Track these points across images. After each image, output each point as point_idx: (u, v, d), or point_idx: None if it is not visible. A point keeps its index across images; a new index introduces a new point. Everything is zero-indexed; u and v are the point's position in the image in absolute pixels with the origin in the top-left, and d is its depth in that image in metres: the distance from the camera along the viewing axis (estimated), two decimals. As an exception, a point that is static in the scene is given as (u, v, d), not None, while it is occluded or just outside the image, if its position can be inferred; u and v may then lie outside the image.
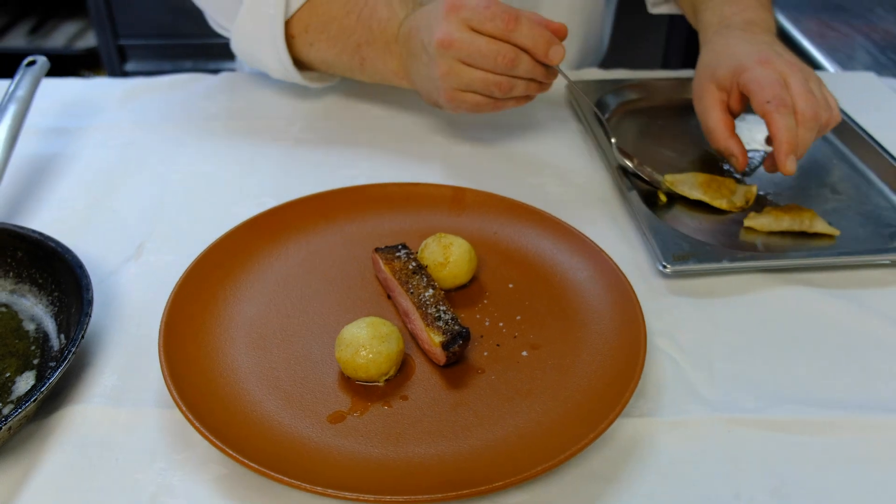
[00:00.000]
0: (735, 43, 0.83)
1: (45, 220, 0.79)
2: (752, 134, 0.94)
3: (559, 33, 0.78)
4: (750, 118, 0.94)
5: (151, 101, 1.00)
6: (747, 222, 0.79)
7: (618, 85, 1.00)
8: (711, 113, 0.82)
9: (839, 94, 0.98)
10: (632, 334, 0.62)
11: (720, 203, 0.81)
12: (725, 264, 0.71)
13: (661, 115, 0.98)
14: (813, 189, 0.86)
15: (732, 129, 0.83)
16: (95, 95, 1.02)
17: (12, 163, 0.82)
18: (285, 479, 0.50)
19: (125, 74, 2.37)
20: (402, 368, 0.62)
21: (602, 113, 0.96)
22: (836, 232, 0.78)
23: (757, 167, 0.88)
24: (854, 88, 1.08)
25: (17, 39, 2.48)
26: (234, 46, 0.94)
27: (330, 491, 0.50)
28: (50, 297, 0.68)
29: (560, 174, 0.87)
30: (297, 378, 0.60)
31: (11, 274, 0.69)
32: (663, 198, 0.83)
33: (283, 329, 0.64)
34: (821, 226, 0.78)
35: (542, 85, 0.81)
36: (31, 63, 0.88)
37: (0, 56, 2.46)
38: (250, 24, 0.89)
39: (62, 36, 2.50)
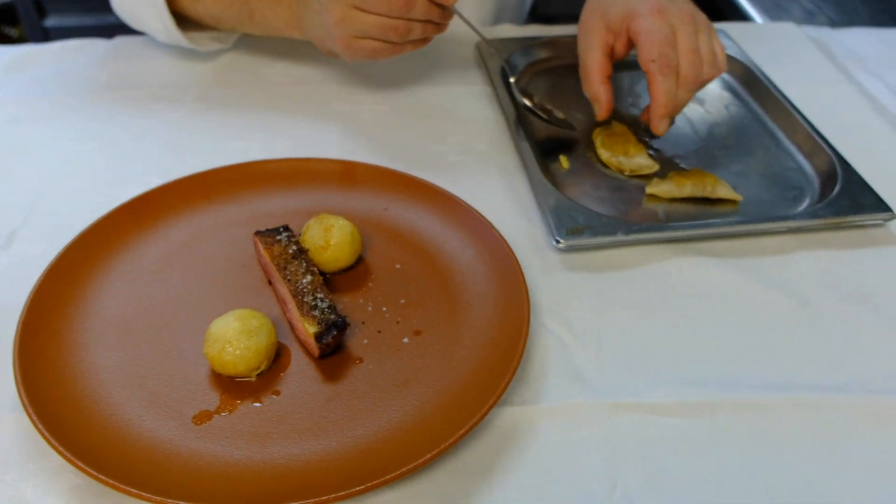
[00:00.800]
0: None
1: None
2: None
3: None
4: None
5: (38, 72, 0.95)
6: (649, 189, 0.77)
7: (527, 43, 0.97)
8: (592, 53, 0.80)
9: (757, 46, 0.95)
10: (516, 318, 0.60)
11: (608, 158, 0.79)
12: (620, 237, 0.69)
13: (572, 75, 0.95)
14: (720, 150, 0.84)
15: (607, 74, 0.80)
16: (-19, 65, 0.96)
17: None
18: (134, 491, 0.48)
19: (45, 31, 2.27)
20: (278, 360, 0.59)
21: (508, 75, 0.93)
22: (738, 197, 0.76)
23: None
24: (773, 40, 1.05)
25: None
26: (115, 5, 0.88)
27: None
28: None
29: (463, 141, 0.84)
30: (163, 376, 0.57)
31: None
32: (565, 163, 0.80)
33: (153, 323, 0.61)
34: (724, 191, 0.76)
35: (439, 26, 0.77)
36: None
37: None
38: None
39: (-23, -12, 2.37)
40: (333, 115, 0.88)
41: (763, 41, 1.03)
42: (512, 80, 0.82)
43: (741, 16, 1.30)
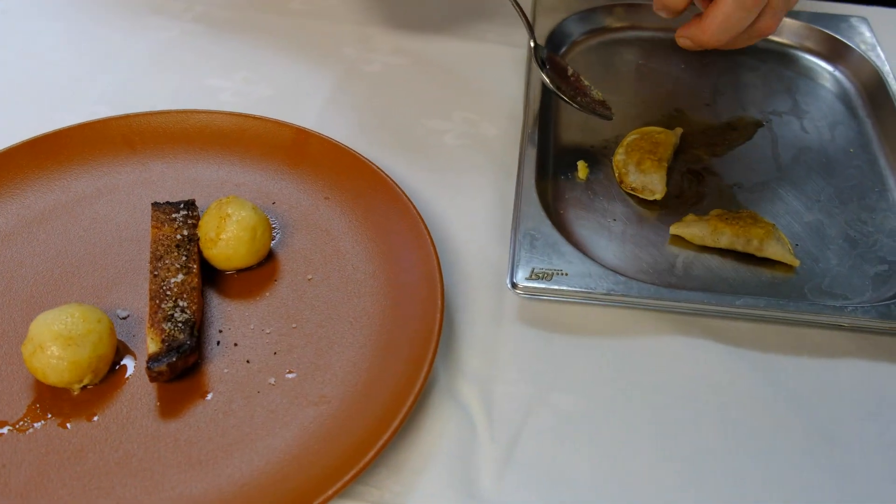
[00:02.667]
0: None
1: None
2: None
3: None
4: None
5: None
6: (674, 229, 0.58)
7: (594, 2, 0.77)
8: None
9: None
10: (409, 378, 0.46)
11: (618, 161, 0.62)
12: (595, 295, 0.52)
13: (646, 53, 0.75)
14: (798, 187, 0.63)
15: None
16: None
17: None
18: None
19: None
20: (115, 372, 0.48)
21: (561, 43, 0.75)
22: (794, 262, 0.56)
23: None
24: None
25: None
26: None
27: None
28: None
29: (471, 121, 0.68)
30: (-25, 366, 0.48)
31: None
32: (582, 173, 0.63)
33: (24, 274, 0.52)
34: (775, 250, 0.56)
35: None
36: None
37: None
38: None
39: None
40: (337, 61, 0.74)
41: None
42: (531, 43, 0.64)
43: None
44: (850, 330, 0.52)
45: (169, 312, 0.48)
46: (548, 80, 0.62)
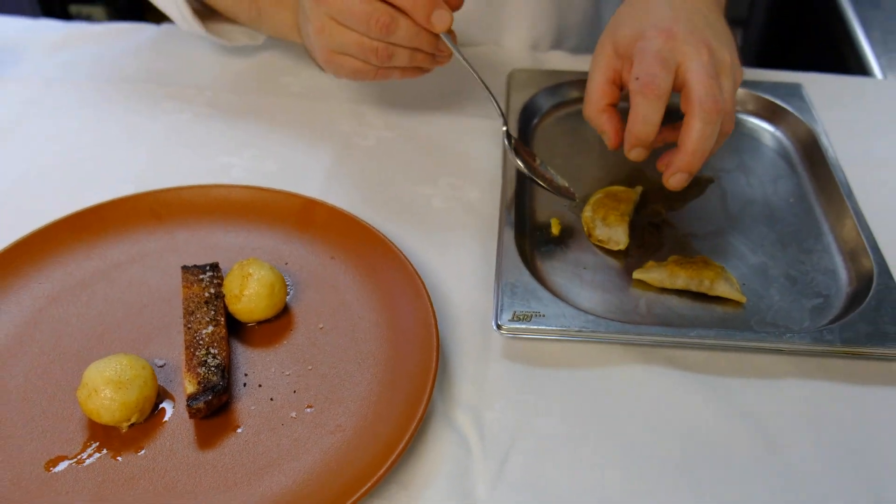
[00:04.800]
0: (655, 2, 0.69)
1: None
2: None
3: (452, 1, 0.67)
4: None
5: (76, 53, 0.96)
6: (636, 274, 0.67)
7: (561, 78, 0.87)
8: (594, 76, 0.70)
9: (847, 107, 0.82)
10: (409, 415, 0.54)
11: (586, 217, 0.71)
12: (571, 332, 0.60)
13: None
14: (745, 235, 0.72)
15: (610, 100, 0.70)
16: (26, 40, 0.98)
17: None
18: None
19: (117, 9, 2.30)
20: (157, 413, 0.56)
21: (532, 115, 0.84)
22: (741, 299, 0.65)
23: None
24: (872, 101, 0.90)
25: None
26: None
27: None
28: None
29: (455, 186, 0.77)
30: (31, 412, 0.55)
31: None
32: (555, 228, 0.72)
33: (43, 348, 0.59)
34: (724, 289, 0.65)
35: (433, 57, 0.71)
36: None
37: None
38: None
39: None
40: (334, 137, 0.83)
41: (852, 102, 0.89)
42: (503, 129, 0.73)
43: (863, 70, 1.13)
44: (790, 354, 0.61)
45: (203, 359, 0.56)
46: (522, 166, 0.71)
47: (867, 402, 0.59)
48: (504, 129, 0.73)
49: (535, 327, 0.60)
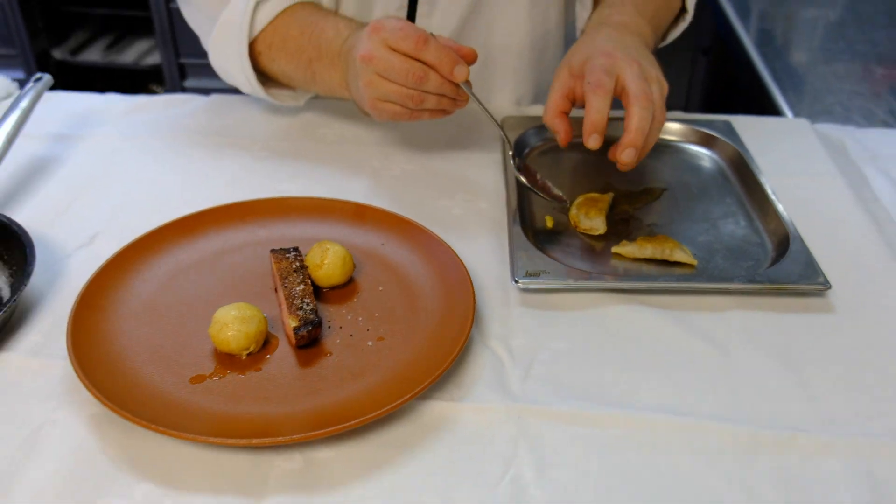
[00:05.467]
0: (600, 38, 0.94)
1: (29, 210, 0.95)
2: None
3: (467, 57, 0.90)
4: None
5: (145, 116, 1.17)
6: (615, 249, 0.88)
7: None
8: (552, 93, 0.94)
9: (760, 137, 1.06)
10: (458, 334, 0.73)
11: (572, 214, 0.91)
12: (570, 283, 0.81)
13: (580, 150, 1.08)
14: (694, 223, 0.94)
15: (563, 110, 0.93)
16: (99, 110, 1.19)
17: (12, 161, 1.00)
18: (135, 419, 0.63)
19: (184, 90, 2.60)
20: (265, 347, 0.74)
21: (523, 149, 1.07)
22: (693, 262, 0.87)
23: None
24: (779, 133, 1.15)
25: (94, 54, 2.76)
26: (212, 62, 1.09)
27: (171, 430, 0.63)
28: (10, 270, 0.84)
29: (468, 199, 0.99)
30: (176, 346, 0.74)
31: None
32: (549, 223, 0.93)
33: (178, 308, 0.78)
34: (681, 255, 0.87)
35: (455, 101, 0.93)
36: (38, 79, 1.05)
37: (79, 68, 2.73)
38: (222, 42, 1.05)
39: (134, 53, 2.76)
40: (366, 170, 1.04)
41: (768, 134, 1.14)
42: (510, 152, 0.96)
43: (776, 111, 1.40)
44: (732, 293, 0.82)
45: (299, 305, 0.75)
46: (523, 179, 0.93)
47: (786, 322, 0.80)
48: (510, 152, 0.95)
49: (543, 281, 0.81)
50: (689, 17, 1.15)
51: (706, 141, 1.10)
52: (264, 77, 1.09)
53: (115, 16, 2.74)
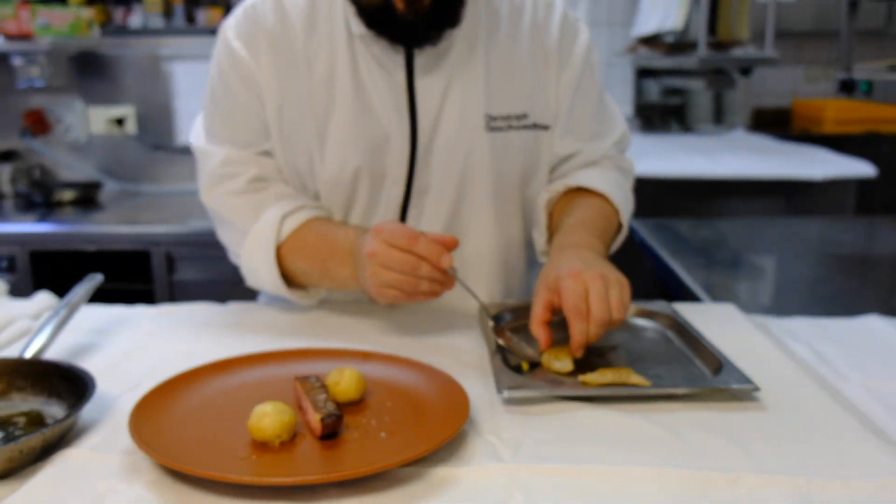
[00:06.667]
0: (565, 259, 1.15)
1: (94, 365, 1.11)
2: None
3: (450, 244, 1.13)
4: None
5: (170, 318, 1.36)
6: (581, 378, 1.06)
7: (517, 306, 1.33)
8: (535, 306, 1.11)
9: (695, 316, 1.28)
10: (456, 423, 0.89)
11: (544, 359, 1.09)
12: (545, 392, 0.98)
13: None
14: (644, 361, 1.13)
15: (544, 320, 1.09)
16: (131, 316, 1.38)
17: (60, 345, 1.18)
18: (180, 466, 0.76)
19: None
20: (294, 440, 0.88)
21: (498, 321, 1.28)
22: (647, 383, 1.04)
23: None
24: (711, 313, 1.38)
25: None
26: (242, 267, 1.31)
27: (210, 472, 0.76)
28: (69, 405, 0.98)
29: (453, 356, 1.16)
30: (216, 438, 0.88)
31: (46, 392, 1.00)
32: (525, 367, 1.11)
33: (224, 411, 0.94)
34: (635, 378, 1.04)
35: (444, 284, 1.14)
36: (90, 278, 1.26)
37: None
38: (254, 248, 1.28)
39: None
40: (366, 341, 1.23)
41: (702, 314, 1.36)
42: (490, 323, 1.16)
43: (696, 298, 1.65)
44: (680, 399, 0.99)
45: (322, 405, 0.90)
46: (501, 341, 1.13)
47: (727, 415, 0.96)
48: (490, 322, 1.16)
49: (525, 392, 0.98)
50: (624, 231, 1.43)
51: (651, 315, 1.32)
52: (285, 279, 1.31)
53: (115, 289, 3.00)
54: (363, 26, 1.24)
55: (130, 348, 1.21)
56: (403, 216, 1.37)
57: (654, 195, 2.98)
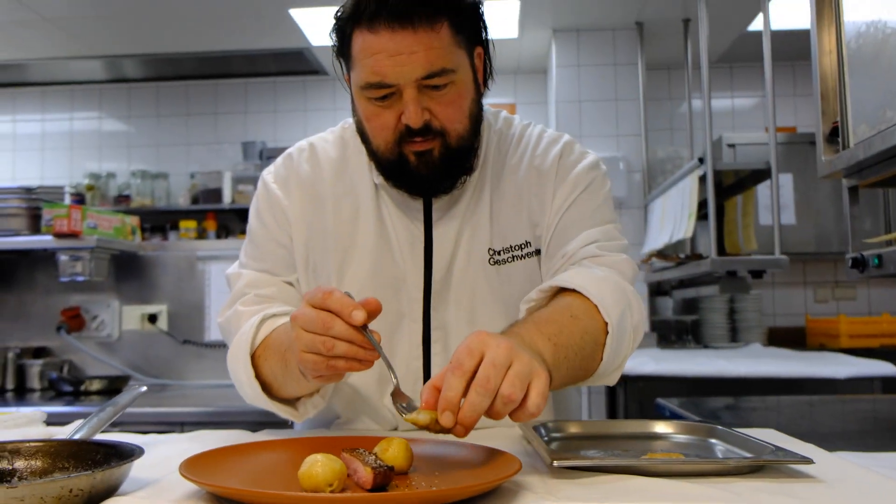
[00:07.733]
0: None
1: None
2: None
3: (370, 305, 1.01)
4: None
5: (209, 437, 1.36)
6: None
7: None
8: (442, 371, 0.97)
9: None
10: (510, 469, 0.88)
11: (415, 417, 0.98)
12: (597, 461, 0.97)
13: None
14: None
15: (436, 385, 0.94)
16: (172, 438, 1.38)
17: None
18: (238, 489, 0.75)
19: None
20: (344, 491, 0.87)
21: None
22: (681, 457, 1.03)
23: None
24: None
25: None
26: (230, 372, 1.29)
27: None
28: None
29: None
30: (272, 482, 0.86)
31: (91, 467, 1.00)
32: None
33: (263, 473, 0.93)
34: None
35: (363, 349, 1.01)
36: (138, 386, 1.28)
37: None
38: (235, 353, 1.26)
39: None
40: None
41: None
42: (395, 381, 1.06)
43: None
44: (735, 474, 0.97)
45: (374, 464, 0.90)
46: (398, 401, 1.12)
47: (782, 485, 0.94)
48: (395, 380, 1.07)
49: (573, 462, 0.96)
50: (610, 382, 1.31)
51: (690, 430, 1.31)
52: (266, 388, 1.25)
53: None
54: (382, 178, 1.36)
55: (171, 454, 1.20)
56: (427, 353, 1.38)
57: (676, 390, 2.99)
